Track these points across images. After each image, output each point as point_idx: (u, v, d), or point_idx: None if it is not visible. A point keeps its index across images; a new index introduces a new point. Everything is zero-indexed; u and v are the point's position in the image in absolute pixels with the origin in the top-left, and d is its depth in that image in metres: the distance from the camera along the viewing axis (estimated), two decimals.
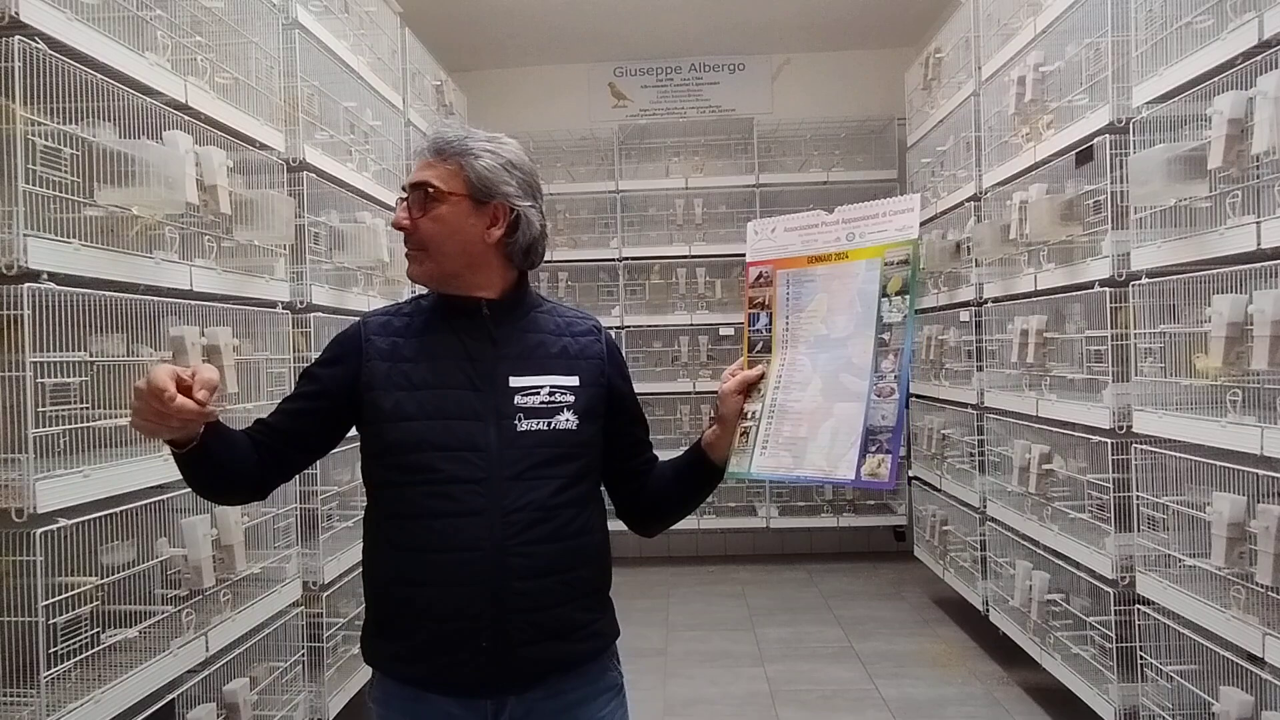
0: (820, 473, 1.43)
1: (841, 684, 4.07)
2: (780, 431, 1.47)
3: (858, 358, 1.43)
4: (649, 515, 1.68)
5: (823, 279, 1.50)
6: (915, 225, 1.45)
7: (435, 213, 1.53)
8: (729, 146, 6.63)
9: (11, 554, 1.84)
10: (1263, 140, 2.17)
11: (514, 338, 1.56)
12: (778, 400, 1.49)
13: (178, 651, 2.29)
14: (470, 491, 1.46)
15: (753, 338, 1.57)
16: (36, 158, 1.90)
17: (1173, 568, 2.66)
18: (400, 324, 1.57)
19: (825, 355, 1.47)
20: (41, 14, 1.89)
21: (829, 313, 1.48)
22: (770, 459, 1.47)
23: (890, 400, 1.39)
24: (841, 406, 1.43)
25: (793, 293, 1.53)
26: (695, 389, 6.21)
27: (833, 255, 1.50)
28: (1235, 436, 2.31)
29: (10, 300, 1.82)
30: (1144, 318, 2.77)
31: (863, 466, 1.38)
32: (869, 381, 1.41)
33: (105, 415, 2.09)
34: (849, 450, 1.40)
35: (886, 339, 1.41)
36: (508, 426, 1.49)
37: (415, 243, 1.56)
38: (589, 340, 1.61)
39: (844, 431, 1.41)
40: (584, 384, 1.55)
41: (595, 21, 6.13)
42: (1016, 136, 3.80)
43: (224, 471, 1.47)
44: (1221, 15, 2.43)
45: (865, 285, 1.45)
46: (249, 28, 2.85)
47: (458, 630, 1.45)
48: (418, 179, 1.55)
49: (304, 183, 3.18)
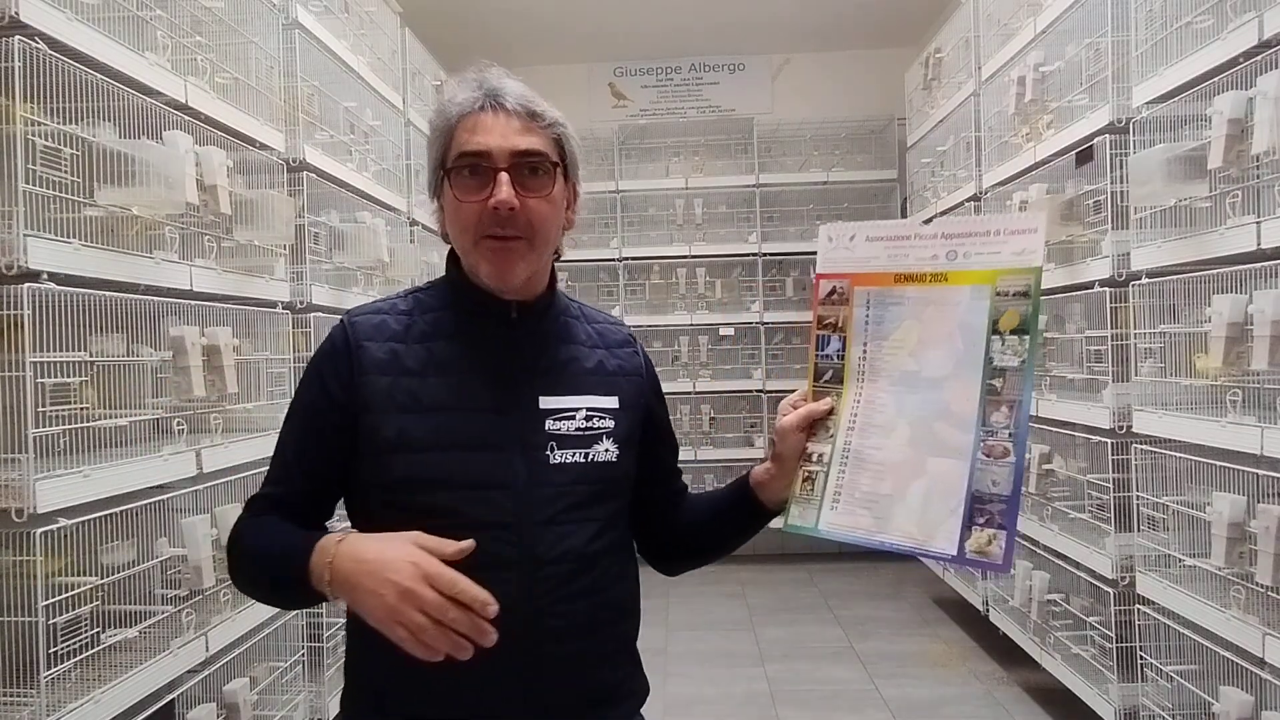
0: (912, 542, 1.20)
1: (841, 684, 4.07)
2: (857, 484, 1.25)
3: (958, 405, 1.20)
4: (680, 554, 1.45)
5: (913, 303, 1.26)
6: (1040, 250, 1.20)
7: (548, 192, 1.25)
8: (729, 146, 6.63)
9: (11, 554, 1.84)
10: (1263, 140, 2.17)
11: (544, 349, 1.30)
12: (852, 445, 1.26)
13: (178, 651, 2.28)
14: (497, 540, 1.19)
15: (820, 364, 1.31)
16: (36, 158, 1.90)
17: (1173, 568, 2.66)
18: (398, 326, 1.27)
19: (915, 397, 1.24)
20: (41, 14, 1.89)
21: (920, 345, 1.25)
22: (845, 516, 1.24)
23: (1004, 463, 1.16)
24: (937, 463, 1.20)
25: (874, 315, 1.28)
26: (695, 389, 6.22)
27: (928, 276, 1.25)
28: (1235, 436, 2.31)
29: (10, 300, 1.82)
30: (1144, 318, 2.77)
31: (967, 541, 1.16)
32: (974, 436, 1.18)
33: (105, 415, 2.09)
34: (948, 518, 1.18)
35: (998, 386, 1.18)
36: (538, 459, 1.23)
37: (521, 229, 1.23)
38: (627, 354, 1.37)
39: (940, 494, 1.19)
40: (624, 406, 1.31)
41: (595, 21, 6.13)
42: (1016, 136, 3.80)
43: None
44: (1221, 15, 2.43)
45: (970, 317, 1.21)
46: (249, 28, 2.85)
47: (484, 709, 1.20)
48: (529, 146, 1.23)
49: (304, 183, 3.18)
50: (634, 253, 6.38)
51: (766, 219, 6.44)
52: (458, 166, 1.23)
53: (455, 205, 1.25)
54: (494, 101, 1.23)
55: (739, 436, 6.33)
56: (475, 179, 1.22)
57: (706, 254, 6.31)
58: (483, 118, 1.23)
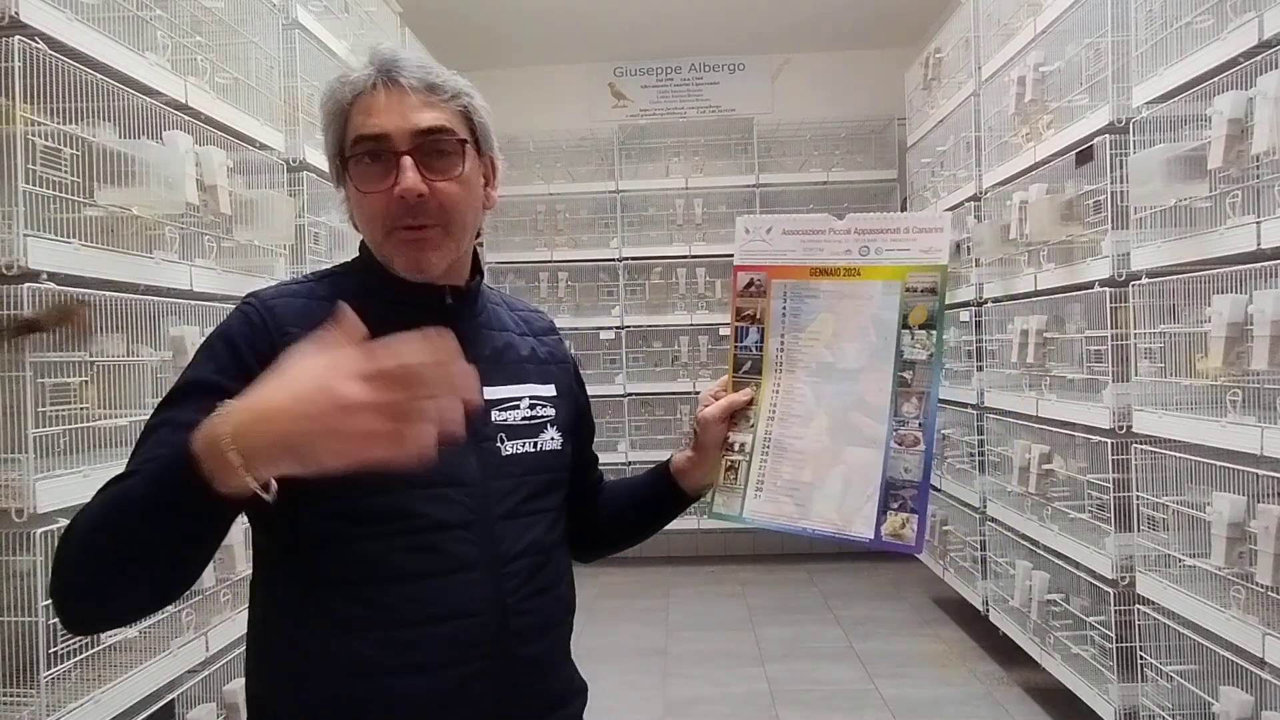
0: (831, 527, 1.24)
1: (841, 684, 4.07)
2: (778, 473, 1.29)
3: (872, 396, 1.25)
4: (597, 541, 1.42)
5: (828, 296, 1.29)
6: (945, 249, 1.24)
7: (458, 173, 1.14)
8: (729, 146, 6.63)
9: (11, 554, 1.84)
10: (1263, 140, 2.17)
11: (479, 337, 1.23)
12: (773, 434, 1.30)
13: (178, 651, 2.28)
14: (458, 540, 1.11)
15: (740, 355, 1.35)
16: (36, 158, 1.90)
17: (1173, 568, 2.66)
18: (323, 313, 1.01)
19: (831, 388, 1.28)
20: (41, 14, 1.89)
21: (835, 337, 1.28)
22: (768, 504, 1.29)
23: (915, 451, 1.22)
24: (854, 452, 1.25)
25: (790, 308, 1.31)
26: (695, 389, 6.21)
27: (841, 270, 1.29)
28: (1235, 436, 2.31)
29: (10, 300, 1.82)
30: (1144, 318, 2.77)
31: (883, 525, 1.21)
32: (887, 426, 1.23)
33: (105, 415, 2.09)
34: (865, 504, 1.23)
35: (908, 378, 1.23)
36: (490, 450, 1.17)
37: (433, 215, 1.13)
38: (554, 341, 1.35)
39: (858, 482, 1.24)
40: (560, 393, 1.28)
41: (595, 21, 6.13)
42: (1016, 136, 3.80)
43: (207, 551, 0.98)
44: (1221, 15, 2.43)
45: (882, 311, 1.25)
46: (249, 28, 2.85)
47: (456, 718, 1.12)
48: (431, 123, 1.12)
49: (304, 183, 3.19)
50: (634, 253, 6.38)
51: None
52: (356, 154, 1.13)
53: (357, 196, 1.14)
54: (388, 77, 1.13)
55: None
56: (376, 165, 1.12)
57: (706, 254, 6.31)
58: (377, 97, 1.12)
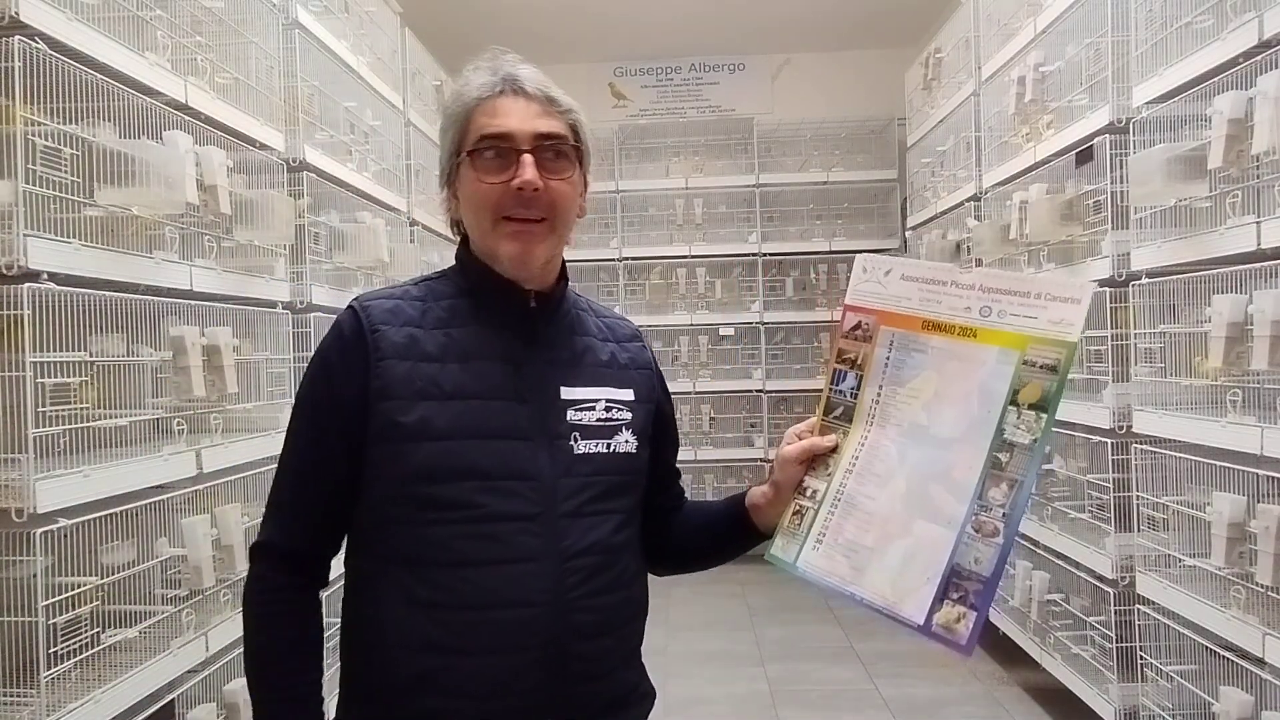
0: (882, 600, 1.15)
1: (841, 684, 4.07)
2: (842, 529, 1.21)
3: (960, 472, 1.14)
4: (669, 560, 1.42)
5: (936, 354, 1.19)
6: (1079, 323, 1.11)
7: (570, 175, 1.24)
8: (729, 146, 6.64)
9: (11, 554, 1.84)
10: (1263, 140, 2.17)
11: (560, 339, 1.28)
12: (847, 487, 1.22)
13: (178, 651, 2.28)
14: (522, 531, 1.16)
15: (833, 399, 1.27)
16: (36, 158, 1.90)
17: (1173, 568, 2.66)
18: (413, 311, 1.23)
19: (919, 452, 1.18)
20: (41, 14, 1.89)
21: (936, 399, 1.18)
22: (823, 559, 1.20)
23: (991, 542, 1.10)
24: (924, 527, 1.15)
25: (895, 359, 1.22)
26: (695, 389, 6.22)
27: (957, 328, 1.18)
28: (1235, 436, 2.31)
29: (10, 300, 1.82)
30: (1144, 318, 2.77)
31: (936, 614, 1.11)
32: (969, 508, 1.12)
33: (105, 415, 2.09)
34: (922, 585, 1.12)
35: (1004, 460, 1.12)
36: (562, 449, 1.21)
37: (544, 209, 1.22)
38: (636, 348, 1.37)
39: (921, 560, 1.14)
40: (638, 399, 1.30)
41: (595, 21, 6.14)
42: (1016, 136, 3.80)
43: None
44: (1221, 15, 2.43)
45: (991, 381, 1.14)
46: (249, 28, 2.85)
47: (506, 710, 1.15)
48: (550, 129, 1.23)
49: (304, 182, 3.18)
50: (634, 253, 6.39)
51: (766, 219, 6.44)
52: (479, 148, 1.22)
53: (476, 186, 1.22)
54: (513, 86, 1.23)
55: (738, 436, 6.34)
56: (497, 160, 1.21)
57: (706, 254, 6.31)
58: (502, 101, 1.23)
